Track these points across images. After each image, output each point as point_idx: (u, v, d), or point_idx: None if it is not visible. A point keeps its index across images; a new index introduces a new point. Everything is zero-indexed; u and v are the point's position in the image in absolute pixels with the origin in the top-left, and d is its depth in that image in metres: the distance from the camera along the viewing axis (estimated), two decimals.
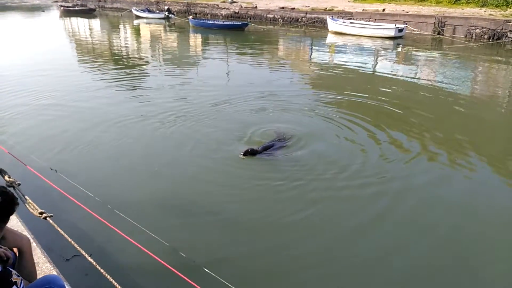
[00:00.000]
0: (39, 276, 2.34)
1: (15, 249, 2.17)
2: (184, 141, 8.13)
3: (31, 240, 3.43)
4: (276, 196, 6.11)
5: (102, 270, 3.12)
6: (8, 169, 5.05)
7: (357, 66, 16.89)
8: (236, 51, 21.49)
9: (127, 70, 15.94)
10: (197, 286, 3.38)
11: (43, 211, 3.98)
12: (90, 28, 33.52)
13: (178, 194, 6.17)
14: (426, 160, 7.57)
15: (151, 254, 3.73)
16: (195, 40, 26.74)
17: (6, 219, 1.99)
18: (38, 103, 10.76)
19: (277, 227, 5.40)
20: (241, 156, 7.05)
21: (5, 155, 6.38)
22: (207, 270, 3.86)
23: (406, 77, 15.02)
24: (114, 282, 3.02)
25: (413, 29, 25.45)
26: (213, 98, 11.36)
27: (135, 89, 12.68)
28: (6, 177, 4.82)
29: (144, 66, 17.00)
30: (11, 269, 1.91)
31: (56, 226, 3.70)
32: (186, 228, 5.28)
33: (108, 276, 3.06)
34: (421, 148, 8.05)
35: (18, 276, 1.91)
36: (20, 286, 1.89)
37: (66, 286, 2.63)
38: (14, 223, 3.71)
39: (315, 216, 5.67)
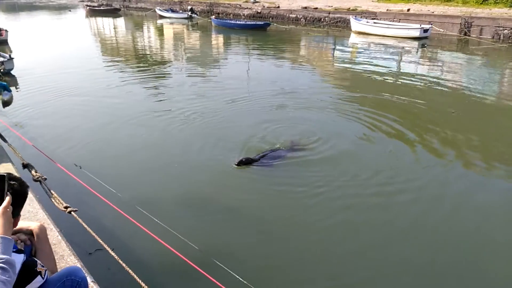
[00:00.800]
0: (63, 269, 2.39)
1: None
2: (205, 138, 8.19)
3: (57, 233, 3.52)
4: (299, 201, 6.03)
5: (124, 264, 3.18)
6: (35, 164, 5.22)
7: (381, 67, 16.66)
8: (258, 50, 21.51)
9: (150, 69, 16.17)
10: (215, 281, 3.42)
11: (68, 205, 4.08)
12: (114, 28, 34.09)
13: (199, 191, 6.21)
14: (460, 166, 7.32)
15: (172, 249, 3.78)
16: (217, 39, 26.88)
17: (23, 204, 2.00)
18: (64, 100, 11.04)
19: (300, 231, 5.34)
20: (235, 166, 6.81)
21: (33, 150, 6.57)
22: (225, 268, 3.89)
23: (431, 78, 14.72)
24: (135, 276, 3.07)
25: (438, 29, 24.96)
26: (234, 96, 11.46)
27: (159, 87, 12.86)
28: (33, 172, 4.97)
29: (167, 65, 17.20)
30: (36, 259, 1.94)
31: (80, 220, 3.79)
32: (206, 225, 5.32)
33: (130, 270, 3.12)
34: (454, 152, 7.81)
35: (43, 266, 1.92)
36: (44, 276, 1.90)
37: (88, 278, 2.68)
38: (40, 216, 3.81)
39: (343, 223, 5.52)
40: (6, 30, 22.55)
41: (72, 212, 4.09)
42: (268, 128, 8.77)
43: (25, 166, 5.19)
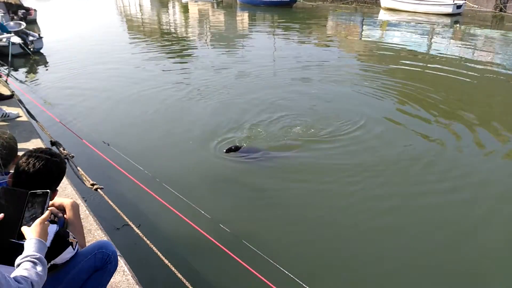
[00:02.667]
0: (91, 242, 2.43)
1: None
2: (233, 114, 8.15)
3: (84, 208, 3.58)
4: (331, 185, 5.78)
5: (148, 241, 3.22)
6: (62, 142, 5.32)
7: (411, 45, 16.11)
8: (283, 27, 21.14)
9: (176, 46, 16.16)
10: (238, 259, 3.42)
11: (95, 183, 4.15)
12: (140, 6, 34.12)
13: (226, 169, 6.17)
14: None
15: (195, 226, 3.81)
16: (242, 17, 26.57)
17: (61, 179, 2.06)
18: (92, 78, 11.17)
19: (333, 217, 5.12)
20: (224, 152, 6.60)
21: (61, 128, 6.70)
22: (250, 246, 3.89)
23: (464, 57, 14.15)
24: (159, 253, 3.11)
25: (472, 5, 23.87)
26: (258, 71, 11.40)
27: (184, 64, 12.86)
28: (61, 150, 5.07)
29: (192, 42, 17.17)
30: (68, 231, 1.99)
31: (106, 197, 3.84)
32: (231, 204, 5.30)
33: (154, 247, 3.16)
34: (499, 142, 7.09)
35: (74, 238, 1.97)
36: (75, 247, 1.95)
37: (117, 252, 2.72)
38: (69, 191, 3.88)
39: (385, 216, 5.07)
40: (34, 10, 22.92)
41: (98, 189, 4.17)
42: (291, 104, 8.64)
43: (53, 143, 5.29)
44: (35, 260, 1.39)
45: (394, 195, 5.50)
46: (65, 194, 3.82)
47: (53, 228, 1.83)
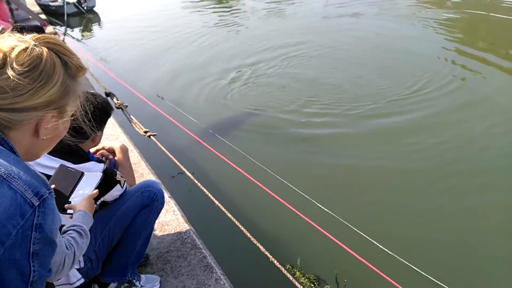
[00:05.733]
0: None
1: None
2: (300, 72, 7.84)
3: (136, 154, 3.57)
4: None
5: (203, 187, 3.17)
6: (117, 94, 5.36)
7: None
8: None
9: (229, 4, 15.77)
10: (294, 209, 3.30)
11: (148, 130, 4.15)
12: None
13: (277, 121, 5.99)
14: None
15: (248, 176, 3.71)
16: None
17: (106, 122, 2.06)
18: (145, 35, 11.13)
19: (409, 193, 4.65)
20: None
21: (114, 81, 6.78)
22: (304, 195, 3.78)
23: None
24: (213, 199, 3.05)
25: None
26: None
27: (240, 27, 12.43)
28: (115, 100, 5.11)
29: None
30: (115, 170, 2.03)
31: (159, 144, 3.82)
32: (286, 155, 5.14)
33: (209, 193, 3.10)
34: None
35: (122, 177, 2.00)
36: (123, 186, 1.99)
37: (165, 193, 2.69)
38: (122, 139, 3.89)
39: None
40: None
41: (151, 136, 4.17)
42: None
43: (108, 94, 5.34)
44: (80, 230, 1.41)
45: None
46: (119, 141, 3.84)
47: (100, 167, 1.85)
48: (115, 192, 1.96)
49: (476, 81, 7.02)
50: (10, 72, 0.89)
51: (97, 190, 1.69)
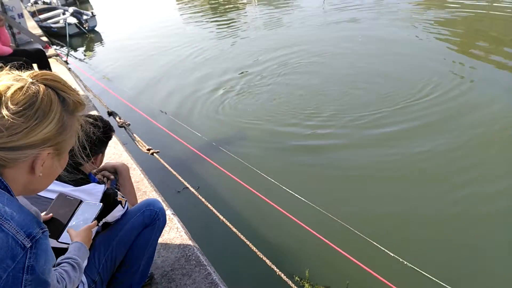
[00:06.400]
0: None
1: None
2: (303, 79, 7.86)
3: (139, 172, 3.57)
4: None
5: (207, 203, 3.16)
6: (119, 112, 5.39)
7: None
8: None
9: (229, 22, 15.90)
10: (300, 223, 3.27)
11: (151, 147, 4.17)
12: None
13: (281, 133, 5.96)
14: None
15: (253, 190, 3.69)
16: None
17: (107, 144, 2.13)
18: (145, 54, 11.21)
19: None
20: None
21: (117, 101, 6.83)
22: (312, 205, 3.75)
23: None
24: (218, 213, 3.04)
25: None
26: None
27: (239, 39, 12.55)
28: (117, 119, 5.15)
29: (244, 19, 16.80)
30: (116, 190, 2.03)
31: (162, 161, 3.83)
32: (292, 168, 5.07)
33: (213, 208, 3.10)
34: None
35: (123, 197, 2.01)
36: (124, 206, 2.00)
37: (168, 211, 2.68)
38: (124, 157, 3.89)
39: None
40: None
41: (154, 154, 4.18)
42: None
43: (110, 113, 5.39)
44: (74, 263, 1.40)
45: None
46: (121, 160, 3.84)
47: (101, 188, 1.85)
48: (117, 212, 1.95)
49: (483, 83, 6.85)
50: (4, 112, 0.88)
51: (95, 221, 1.67)
